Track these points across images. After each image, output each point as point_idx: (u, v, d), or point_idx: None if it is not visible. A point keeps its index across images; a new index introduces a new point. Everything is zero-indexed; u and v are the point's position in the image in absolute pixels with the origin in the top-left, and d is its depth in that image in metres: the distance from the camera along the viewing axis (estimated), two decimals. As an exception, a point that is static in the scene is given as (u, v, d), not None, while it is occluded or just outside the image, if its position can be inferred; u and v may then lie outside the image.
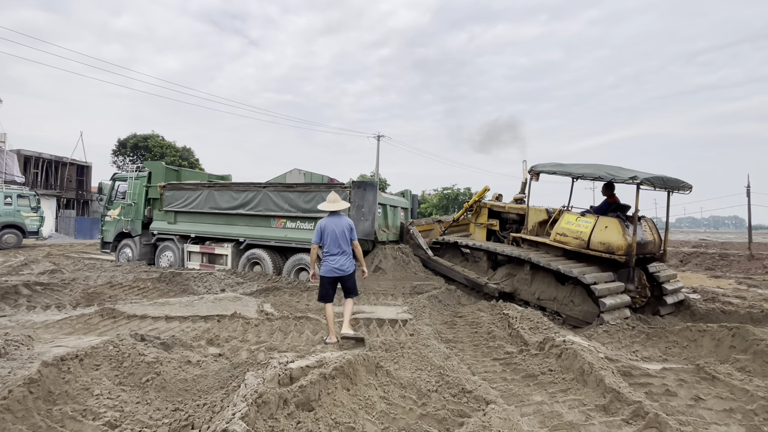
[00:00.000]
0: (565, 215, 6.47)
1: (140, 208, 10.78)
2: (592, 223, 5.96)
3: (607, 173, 5.94)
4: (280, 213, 8.68)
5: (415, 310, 5.46)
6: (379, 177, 36.92)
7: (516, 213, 7.82)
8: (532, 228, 7.16)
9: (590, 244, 5.89)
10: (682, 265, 15.38)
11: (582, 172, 6.38)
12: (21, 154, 28.51)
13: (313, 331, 4.63)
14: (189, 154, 33.81)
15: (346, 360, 2.88)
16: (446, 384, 3.07)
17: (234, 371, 3.27)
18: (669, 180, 5.75)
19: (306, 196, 8.44)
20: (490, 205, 8.22)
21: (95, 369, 2.95)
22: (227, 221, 9.47)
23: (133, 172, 11.18)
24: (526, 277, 6.50)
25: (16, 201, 16.72)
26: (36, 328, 4.54)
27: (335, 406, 2.57)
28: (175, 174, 11.43)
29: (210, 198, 9.57)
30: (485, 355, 4.11)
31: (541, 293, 6.31)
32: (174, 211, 10.13)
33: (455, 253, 8.35)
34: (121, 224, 11.09)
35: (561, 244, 6.25)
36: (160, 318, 5.02)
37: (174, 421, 2.52)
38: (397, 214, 9.67)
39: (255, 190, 9.06)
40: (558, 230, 6.35)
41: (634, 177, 5.48)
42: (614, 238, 5.72)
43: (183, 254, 9.96)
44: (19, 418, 2.25)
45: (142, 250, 10.76)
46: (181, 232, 10.08)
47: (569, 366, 3.30)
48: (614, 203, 6.41)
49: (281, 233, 8.71)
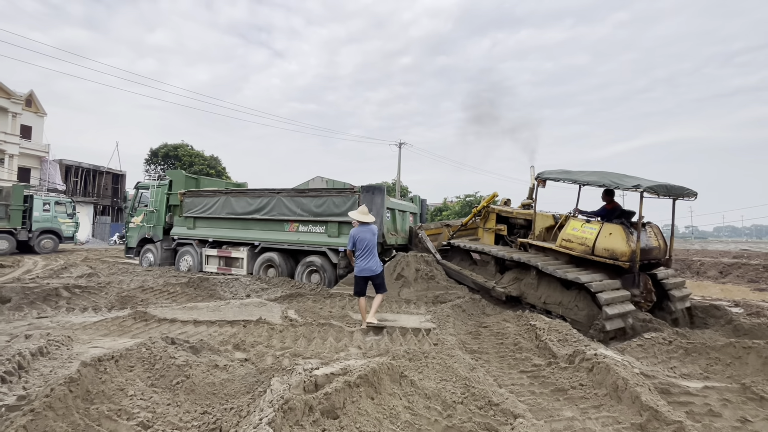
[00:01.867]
0: (570, 221, 6.54)
1: (161, 214, 11.34)
2: (596, 230, 6.04)
3: (611, 181, 6.02)
4: (293, 217, 9.02)
5: (439, 320, 5.40)
6: (401, 184, 36.97)
7: (523, 218, 7.91)
8: (539, 233, 7.27)
9: (595, 250, 5.98)
10: (722, 276, 14.54)
11: (587, 180, 6.44)
12: (63, 163, 30.27)
13: (336, 338, 4.64)
14: (216, 162, 34.96)
15: (371, 368, 2.87)
16: (472, 396, 3.00)
17: (260, 376, 3.32)
18: (673, 188, 5.77)
19: (317, 201, 8.77)
20: (498, 211, 8.35)
21: (129, 370, 3.05)
22: (243, 226, 9.84)
23: (155, 180, 11.82)
24: (533, 281, 6.60)
25: (53, 208, 17.74)
26: (74, 329, 4.76)
27: (360, 414, 2.56)
28: (195, 182, 12.00)
29: (227, 204, 10.00)
30: (512, 367, 4.00)
31: (546, 297, 6.39)
32: (193, 217, 10.61)
33: (464, 256, 8.39)
34: (144, 230, 11.69)
35: (567, 250, 6.33)
36: (189, 322, 5.16)
37: (203, 424, 2.58)
38: (406, 218, 9.83)
39: (269, 196, 9.44)
40: (564, 236, 6.42)
41: (637, 185, 5.55)
42: (618, 245, 5.80)
43: (201, 258, 10.37)
44: (59, 415, 2.35)
45: (163, 255, 11.30)
46: (200, 237, 10.52)
47: (601, 381, 3.16)
48: (614, 209, 6.49)
49: (294, 237, 9.03)
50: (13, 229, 16.21)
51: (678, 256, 21.02)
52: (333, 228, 8.58)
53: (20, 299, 6.01)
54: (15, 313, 5.59)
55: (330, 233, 8.62)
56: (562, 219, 7.09)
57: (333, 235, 8.56)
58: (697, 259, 19.16)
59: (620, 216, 6.28)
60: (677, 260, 18.38)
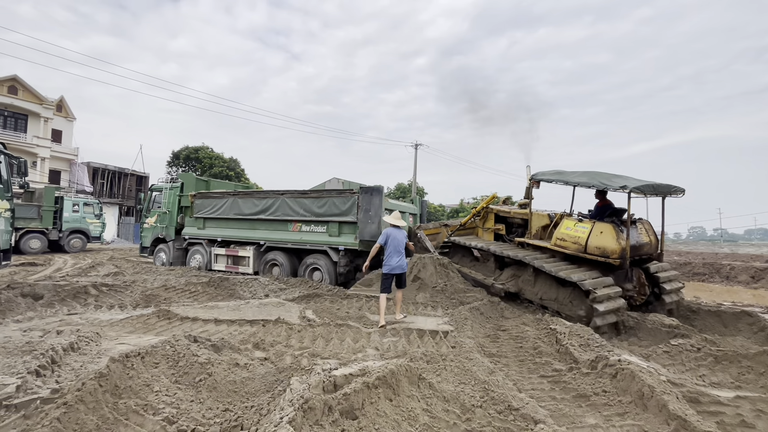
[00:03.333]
0: (564, 221, 6.79)
1: (174, 215, 11.85)
2: (588, 229, 6.34)
3: (600, 182, 6.33)
4: (296, 218, 9.40)
5: (457, 322, 5.35)
6: (417, 185, 36.85)
7: (520, 218, 8.20)
8: (535, 232, 7.60)
9: (587, 248, 6.26)
10: (754, 281, 13.90)
11: (578, 181, 6.74)
12: (90, 166, 31.43)
13: (354, 338, 4.66)
14: (235, 164, 35.65)
15: (389, 370, 2.87)
16: (491, 400, 2.97)
17: (279, 375, 3.36)
18: (660, 186, 6.01)
19: (319, 201, 9.13)
20: (496, 211, 8.68)
21: (155, 366, 3.15)
22: (249, 226, 10.24)
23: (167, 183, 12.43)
24: (530, 278, 6.93)
25: (82, 209, 18.45)
26: (102, 326, 4.94)
27: (378, 416, 2.56)
28: (205, 184, 12.55)
29: (234, 205, 10.44)
30: (531, 372, 3.93)
31: (543, 294, 6.72)
32: (203, 218, 11.08)
33: (464, 254, 8.65)
34: (157, 230, 12.22)
35: (561, 249, 6.62)
36: (210, 321, 5.28)
37: (224, 421, 2.63)
38: (406, 219, 10.06)
39: (274, 197, 9.84)
40: (558, 235, 6.71)
41: (624, 186, 5.85)
42: (609, 243, 6.07)
43: (210, 257, 10.82)
44: (90, 409, 2.45)
45: (175, 254, 11.78)
46: (209, 237, 10.98)
47: (626, 388, 3.07)
48: (606, 207, 6.77)
49: (297, 236, 9.42)
50: (45, 229, 16.95)
51: (706, 260, 20.34)
52: (334, 228, 8.91)
53: (52, 296, 6.27)
54: (47, 309, 5.84)
55: (331, 233, 8.95)
56: (557, 218, 7.33)
57: (333, 235, 8.90)
58: (727, 263, 18.39)
59: (612, 213, 6.53)
60: (705, 264, 17.80)
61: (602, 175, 6.67)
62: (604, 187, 6.30)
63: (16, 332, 4.55)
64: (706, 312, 6.58)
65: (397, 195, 41.21)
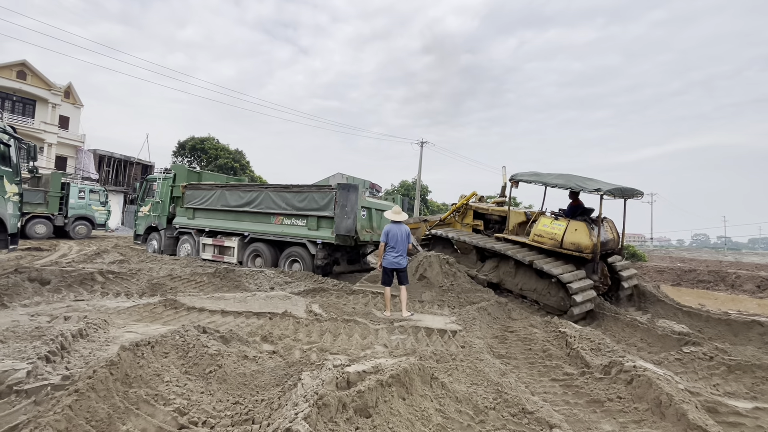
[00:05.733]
0: (541, 219, 7.38)
1: (166, 205, 12.18)
2: (564, 226, 6.92)
3: (576, 184, 6.93)
4: (279, 211, 9.72)
5: (465, 322, 5.30)
6: (421, 183, 36.75)
7: (498, 215, 8.78)
8: (512, 228, 8.14)
9: (563, 244, 6.83)
10: (760, 291, 13.78)
11: (555, 182, 7.31)
12: (96, 153, 31.48)
13: (362, 334, 4.62)
14: (241, 156, 35.62)
15: (402, 368, 2.83)
16: (504, 402, 2.92)
17: (289, 370, 3.33)
18: (625, 189, 6.79)
19: (300, 196, 9.49)
20: (475, 207, 9.18)
21: (164, 356, 3.12)
22: (235, 218, 10.58)
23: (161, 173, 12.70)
24: (511, 270, 7.53)
25: (88, 196, 18.47)
26: (109, 313, 4.92)
27: (392, 414, 2.52)
28: (197, 176, 12.85)
29: (222, 197, 10.78)
30: (542, 375, 3.88)
31: (523, 284, 7.34)
32: (193, 208, 11.43)
33: (445, 246, 8.95)
34: (151, 219, 12.56)
35: (538, 244, 7.15)
36: (217, 312, 5.25)
37: (235, 414, 2.60)
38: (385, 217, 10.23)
39: (258, 191, 10.21)
40: (536, 231, 7.26)
41: (598, 189, 6.53)
42: (583, 239, 6.69)
43: (198, 246, 11.15)
44: (101, 397, 2.41)
45: (166, 242, 12.08)
46: (198, 227, 11.29)
47: (642, 395, 3.02)
48: (577, 207, 7.38)
49: (278, 229, 9.75)
50: (50, 215, 16.98)
51: (710, 267, 20.32)
52: (313, 222, 9.27)
53: (59, 282, 6.26)
54: (54, 294, 5.83)
55: (310, 226, 9.31)
56: (534, 216, 7.98)
57: (312, 228, 9.26)
58: (732, 272, 18.29)
59: (582, 213, 7.22)
60: (710, 271, 17.77)
61: (577, 178, 7.31)
62: (580, 189, 6.88)
63: (24, 317, 4.54)
64: (716, 320, 6.51)
65: (402, 192, 41.14)
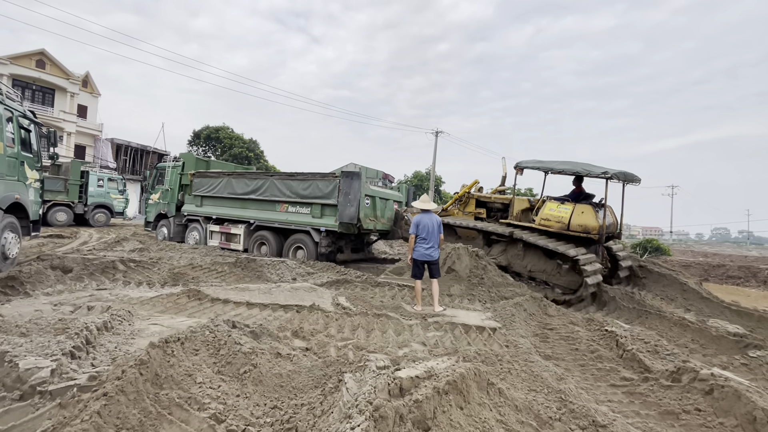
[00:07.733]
0: (547, 203, 7.61)
1: (175, 193, 12.32)
2: (570, 210, 7.17)
3: (583, 168, 7.20)
4: (283, 198, 9.83)
5: (503, 318, 4.99)
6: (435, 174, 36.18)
7: (500, 202, 9.02)
8: (516, 214, 8.38)
9: (570, 226, 7.10)
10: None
11: (562, 168, 7.47)
12: (114, 142, 31.75)
13: (396, 330, 4.35)
14: (255, 145, 35.57)
15: (459, 373, 2.53)
16: (571, 412, 2.61)
17: (327, 370, 3.06)
18: (627, 174, 7.05)
19: (304, 184, 9.54)
20: (477, 196, 9.40)
21: (195, 354, 2.89)
22: (241, 205, 10.72)
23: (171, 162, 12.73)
24: (519, 253, 7.77)
25: (107, 184, 18.57)
26: (133, 303, 4.75)
27: (452, 427, 2.23)
28: (205, 164, 12.99)
29: (228, 185, 10.89)
30: (598, 380, 3.55)
31: (532, 266, 7.59)
32: (200, 196, 11.56)
33: (449, 232, 8.99)
34: (161, 206, 12.69)
35: (545, 227, 7.40)
36: (242, 303, 5.04)
37: (276, 421, 2.35)
38: (389, 206, 10.36)
39: (264, 179, 10.32)
40: (542, 216, 7.49)
41: (605, 172, 6.80)
42: (590, 221, 7.00)
43: (206, 233, 11.29)
44: (131, 401, 2.18)
45: (175, 230, 12.21)
46: (206, 214, 11.44)
47: (728, 408, 2.67)
48: (580, 193, 7.68)
49: (283, 216, 9.88)
50: (71, 203, 17.13)
51: (736, 263, 19.62)
52: (317, 209, 9.33)
53: (80, 270, 6.14)
54: (76, 283, 5.71)
55: (314, 214, 9.38)
56: (538, 203, 8.25)
57: (316, 216, 9.32)
58: (765, 267, 17.56)
59: (585, 198, 7.53)
60: (740, 267, 17.19)
61: (583, 163, 7.54)
62: (587, 173, 7.10)
63: (47, 306, 4.39)
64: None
65: (415, 183, 40.64)
